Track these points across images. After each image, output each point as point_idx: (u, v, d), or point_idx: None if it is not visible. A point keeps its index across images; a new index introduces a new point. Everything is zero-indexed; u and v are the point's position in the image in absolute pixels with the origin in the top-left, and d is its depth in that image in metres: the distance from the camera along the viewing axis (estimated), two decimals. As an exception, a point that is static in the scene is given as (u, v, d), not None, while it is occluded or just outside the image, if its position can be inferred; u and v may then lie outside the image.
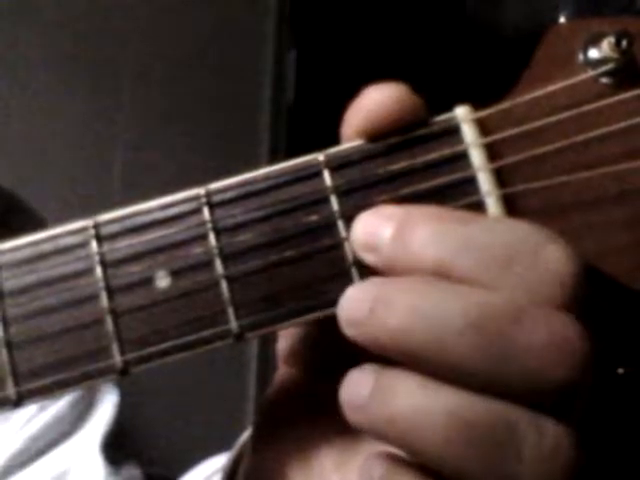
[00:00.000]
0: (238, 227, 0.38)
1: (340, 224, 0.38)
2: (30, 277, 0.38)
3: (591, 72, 0.37)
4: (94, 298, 0.38)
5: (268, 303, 0.38)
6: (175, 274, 0.38)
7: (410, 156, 0.38)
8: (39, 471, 0.69)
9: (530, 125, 0.37)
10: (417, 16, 1.65)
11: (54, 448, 0.70)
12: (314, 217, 0.38)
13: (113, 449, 0.71)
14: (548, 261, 0.34)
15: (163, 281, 0.38)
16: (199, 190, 0.39)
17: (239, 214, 0.38)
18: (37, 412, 0.69)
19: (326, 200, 0.38)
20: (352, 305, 0.35)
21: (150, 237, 0.38)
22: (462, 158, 0.38)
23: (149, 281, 0.38)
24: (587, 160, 0.37)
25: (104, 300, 0.38)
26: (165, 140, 1.60)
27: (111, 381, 0.61)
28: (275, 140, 1.67)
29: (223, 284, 0.38)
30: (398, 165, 0.38)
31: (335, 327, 0.36)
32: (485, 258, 0.34)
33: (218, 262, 0.38)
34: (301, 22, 1.73)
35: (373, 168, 0.38)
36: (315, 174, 0.38)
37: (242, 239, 0.38)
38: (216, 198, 0.38)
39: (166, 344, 0.38)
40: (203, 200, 0.38)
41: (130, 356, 0.38)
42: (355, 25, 1.66)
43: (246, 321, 0.38)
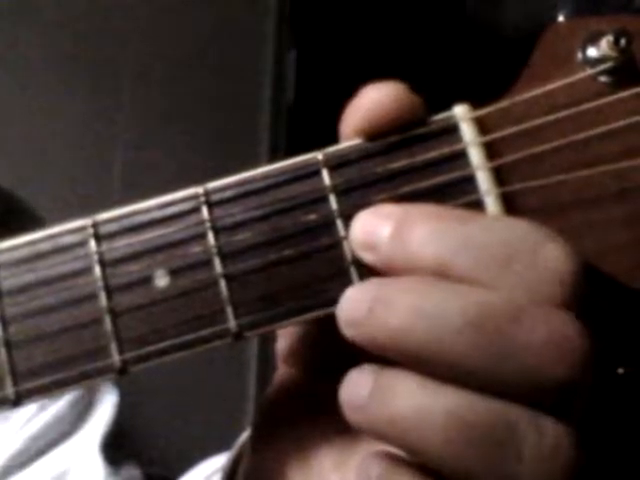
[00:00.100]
0: (237, 226, 0.38)
1: (339, 223, 0.38)
2: (29, 276, 0.38)
3: (590, 71, 0.37)
4: (93, 297, 0.38)
5: (267, 302, 0.38)
6: (174, 273, 0.38)
7: (409, 155, 0.38)
8: (39, 471, 0.69)
9: (529, 124, 0.37)
10: (417, 16, 1.65)
11: (54, 448, 0.70)
12: (313, 216, 0.38)
13: (113, 449, 0.71)
14: (547, 260, 0.34)
15: (162, 280, 0.38)
16: (198, 189, 0.39)
17: (238, 213, 0.38)
18: (37, 412, 0.69)
19: (325, 199, 0.38)
20: (351, 306, 0.35)
21: (149, 236, 0.38)
22: (461, 157, 0.38)
23: (148, 280, 0.38)
24: (586, 158, 0.37)
25: (103, 299, 0.38)
26: (165, 140, 1.60)
27: (110, 380, 0.61)
28: (275, 140, 1.67)
29: (222, 283, 0.38)
30: (397, 164, 0.38)
31: (334, 326, 0.36)
32: (484, 257, 0.34)
33: (217, 261, 0.38)
34: (301, 22, 1.73)
35: (372, 167, 0.38)
36: (314, 173, 0.38)
37: (241, 238, 0.38)
38: (215, 197, 0.38)
39: (165, 343, 0.37)
40: (202, 199, 0.38)
41: (129, 355, 0.38)
42: (355, 25, 1.66)
43: (245, 320, 0.38)
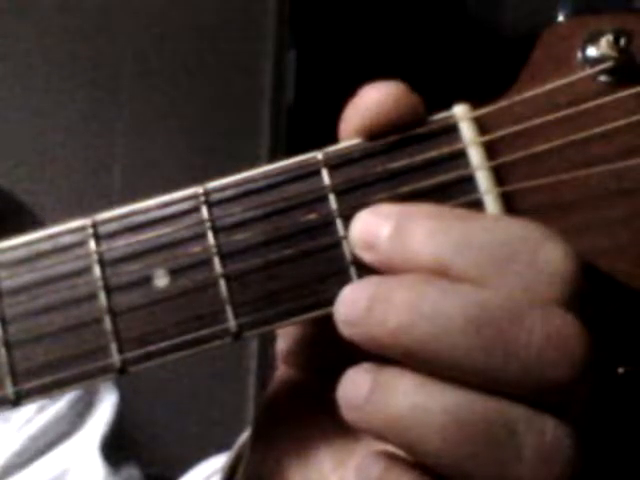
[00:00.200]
0: (236, 226, 0.38)
1: (339, 223, 0.38)
2: (28, 276, 0.38)
3: (589, 70, 0.37)
4: (92, 297, 0.38)
5: (266, 302, 0.38)
6: (173, 273, 0.38)
7: (409, 154, 0.38)
8: (38, 471, 0.68)
9: (528, 123, 0.37)
10: (417, 16, 1.65)
11: (53, 448, 0.70)
12: (312, 216, 0.38)
13: (112, 449, 0.71)
14: (546, 259, 0.34)
15: (161, 280, 0.38)
16: (197, 189, 0.38)
17: (237, 213, 0.38)
18: (36, 412, 0.69)
19: (325, 199, 0.38)
20: (349, 304, 0.35)
21: (148, 236, 0.38)
22: (460, 156, 0.38)
23: (147, 280, 0.38)
24: (586, 158, 0.37)
25: (102, 299, 0.38)
26: (165, 140, 1.60)
27: (110, 381, 0.61)
28: (275, 140, 1.67)
29: (221, 283, 0.38)
30: (397, 163, 0.38)
31: (334, 326, 0.36)
32: (484, 256, 0.34)
33: (216, 261, 0.38)
34: (301, 22, 1.72)
35: (372, 167, 0.38)
36: (314, 173, 0.38)
37: (240, 238, 0.38)
38: (214, 197, 0.38)
39: (165, 343, 0.37)
40: (201, 199, 0.38)
41: (129, 355, 0.38)
42: (355, 25, 1.66)
43: (244, 320, 0.38)
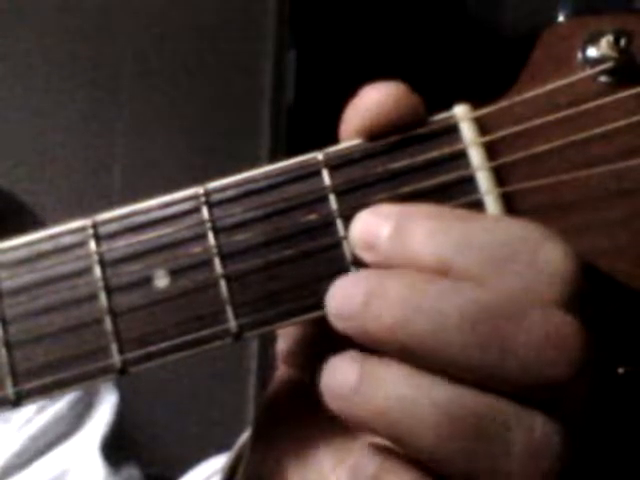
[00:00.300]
0: (237, 226, 0.38)
1: (339, 223, 0.38)
2: (29, 276, 0.38)
3: (590, 71, 0.37)
4: (93, 297, 0.38)
5: (267, 302, 0.38)
6: (174, 273, 0.38)
7: (409, 155, 0.38)
8: (38, 471, 0.69)
9: (529, 124, 0.37)
10: (417, 16, 1.65)
11: (53, 448, 0.70)
12: (313, 216, 0.38)
13: (113, 449, 0.71)
14: (546, 259, 0.34)
15: (162, 280, 0.38)
16: (198, 189, 0.39)
17: (238, 213, 0.38)
18: (36, 413, 0.69)
19: (325, 199, 0.38)
20: (343, 298, 0.35)
21: (149, 236, 0.38)
22: (461, 157, 0.38)
23: (148, 280, 0.38)
24: (586, 158, 0.37)
25: (103, 299, 0.38)
26: (165, 140, 1.60)
27: (110, 381, 0.61)
28: (275, 140, 1.67)
29: (222, 283, 0.38)
30: (397, 164, 0.38)
31: (334, 326, 0.36)
32: (484, 257, 0.34)
33: (217, 261, 0.38)
34: (301, 22, 1.72)
35: (372, 167, 0.38)
36: (314, 173, 0.38)
37: (241, 238, 0.38)
38: (215, 197, 0.38)
39: (165, 343, 0.37)
40: (202, 199, 0.38)
41: (129, 355, 0.38)
42: (355, 25, 1.66)
43: (245, 320, 0.38)
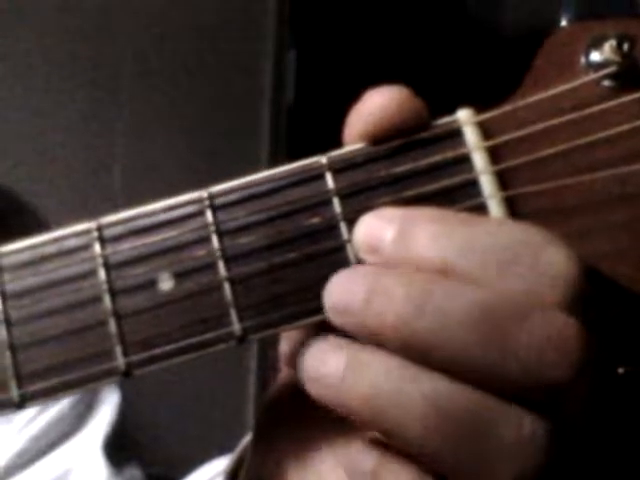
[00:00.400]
0: (241, 229, 0.38)
1: (342, 226, 0.38)
2: (33, 279, 0.39)
3: (593, 75, 0.37)
4: (97, 300, 0.38)
5: (271, 305, 0.38)
6: (178, 276, 0.38)
7: (412, 159, 0.38)
8: (41, 471, 0.69)
9: (532, 128, 0.37)
10: (417, 16, 1.65)
11: (55, 448, 0.70)
12: (317, 219, 0.38)
13: (115, 450, 0.71)
14: (548, 262, 0.34)
15: (166, 283, 0.38)
16: (202, 193, 0.39)
17: (242, 216, 0.38)
18: (38, 413, 0.69)
19: (329, 202, 0.38)
20: (344, 293, 0.35)
21: (153, 239, 0.38)
22: (465, 161, 0.38)
23: (152, 283, 0.38)
24: (589, 162, 0.37)
25: (107, 302, 0.38)
26: (165, 140, 1.60)
27: (114, 383, 0.61)
28: (275, 140, 1.67)
29: (226, 286, 0.38)
30: (401, 168, 0.38)
31: (336, 329, 0.36)
32: (486, 259, 0.34)
33: (221, 264, 0.38)
34: (301, 22, 1.72)
35: (375, 171, 0.38)
36: (318, 176, 0.38)
37: (245, 241, 0.38)
38: (219, 201, 0.39)
39: (169, 346, 0.38)
40: (206, 203, 0.38)
41: (133, 358, 0.38)
42: (355, 25, 1.66)
43: (249, 323, 0.38)
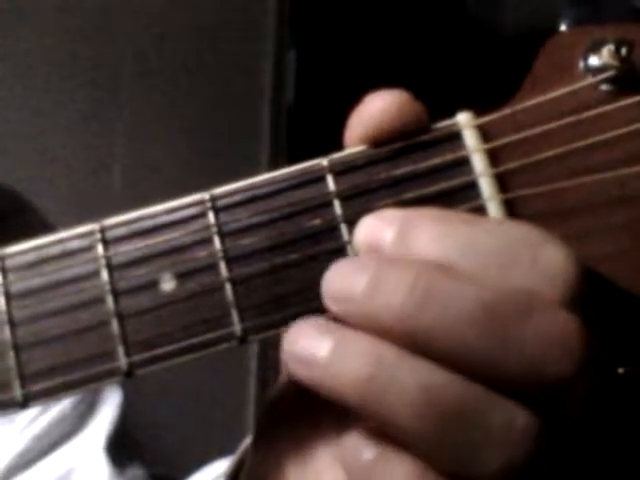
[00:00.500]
0: (242, 231, 0.39)
1: (343, 228, 0.38)
2: (37, 280, 0.39)
3: (591, 79, 0.38)
4: (100, 301, 0.38)
5: (272, 306, 0.38)
6: (180, 277, 0.38)
7: (413, 161, 0.38)
8: (43, 471, 0.69)
9: (531, 131, 0.38)
10: (417, 16, 1.66)
11: (57, 448, 0.70)
12: (318, 221, 0.38)
13: (117, 449, 0.71)
14: (547, 261, 0.34)
15: (168, 284, 0.38)
16: (204, 194, 0.39)
17: (243, 218, 0.39)
18: (40, 412, 0.69)
19: (330, 204, 0.38)
20: (345, 282, 0.35)
21: (155, 241, 0.39)
22: (464, 163, 0.38)
23: (154, 284, 0.38)
24: (588, 165, 0.37)
25: (110, 303, 0.38)
26: (165, 140, 1.60)
27: (116, 383, 0.61)
28: (275, 140, 1.67)
29: (227, 287, 0.38)
30: (401, 170, 0.38)
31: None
32: (487, 259, 0.35)
33: (222, 265, 0.38)
34: (301, 22, 1.73)
35: (376, 173, 0.38)
36: (319, 179, 0.39)
37: (246, 243, 0.39)
38: (221, 202, 0.39)
39: (171, 346, 0.38)
40: (208, 204, 0.39)
41: (135, 358, 0.38)
42: (355, 25, 1.66)
43: (250, 324, 0.38)
